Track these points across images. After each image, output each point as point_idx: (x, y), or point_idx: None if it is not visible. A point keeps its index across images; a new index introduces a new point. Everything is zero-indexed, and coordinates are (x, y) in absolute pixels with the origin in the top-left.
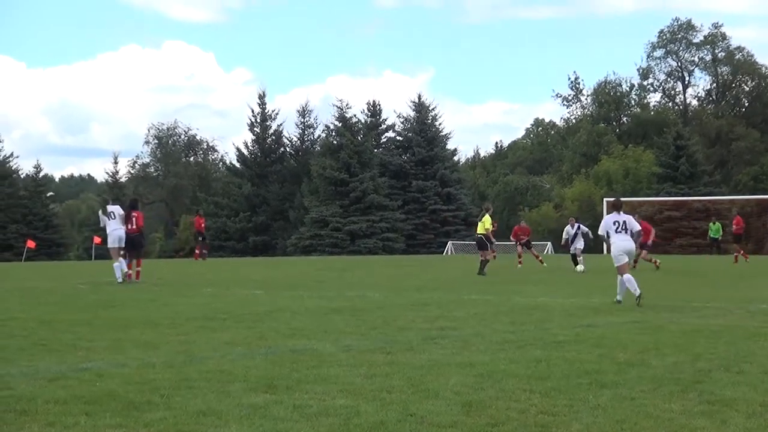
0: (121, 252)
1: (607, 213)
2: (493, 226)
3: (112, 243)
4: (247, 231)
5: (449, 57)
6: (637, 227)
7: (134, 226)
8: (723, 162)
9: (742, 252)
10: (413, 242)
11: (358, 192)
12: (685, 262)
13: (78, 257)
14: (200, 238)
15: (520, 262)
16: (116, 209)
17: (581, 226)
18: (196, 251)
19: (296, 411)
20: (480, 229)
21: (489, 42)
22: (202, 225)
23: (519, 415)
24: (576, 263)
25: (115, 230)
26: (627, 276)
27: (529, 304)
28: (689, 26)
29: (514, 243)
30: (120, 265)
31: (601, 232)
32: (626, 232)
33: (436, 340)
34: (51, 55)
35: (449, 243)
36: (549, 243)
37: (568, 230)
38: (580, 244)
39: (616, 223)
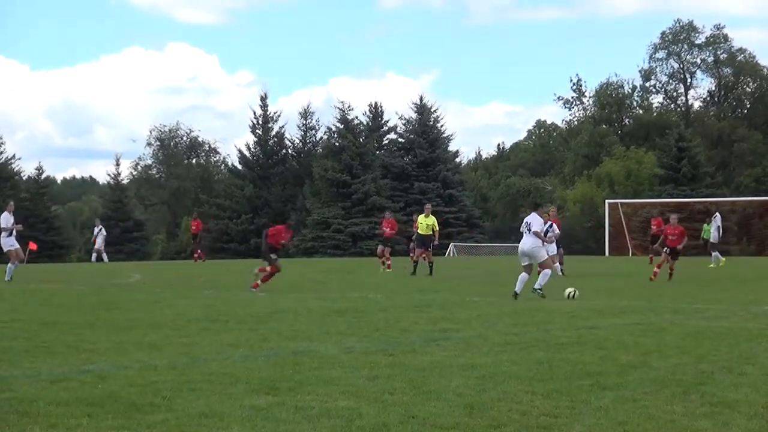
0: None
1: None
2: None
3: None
4: (248, 233)
5: (452, 59)
6: (537, 227)
7: None
8: (725, 164)
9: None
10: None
11: (360, 194)
12: (687, 263)
13: (80, 259)
14: (197, 241)
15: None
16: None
17: (554, 226)
18: (195, 254)
19: (298, 413)
20: (427, 229)
21: (491, 44)
22: (201, 228)
23: (521, 417)
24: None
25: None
26: (522, 274)
27: (531, 306)
28: (691, 28)
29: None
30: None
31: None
32: (529, 233)
33: (438, 342)
34: (54, 58)
35: (451, 245)
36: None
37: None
38: (552, 247)
39: (526, 224)
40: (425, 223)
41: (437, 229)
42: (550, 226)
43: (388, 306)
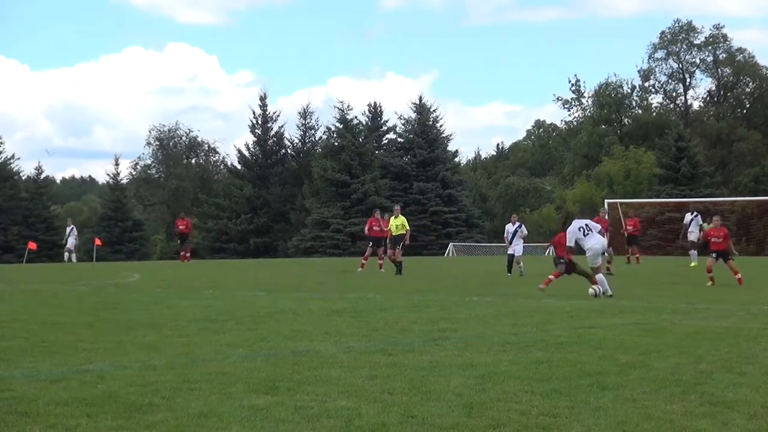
0: None
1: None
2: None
3: None
4: (248, 233)
5: (451, 59)
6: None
7: None
8: (724, 163)
9: (637, 255)
10: (414, 244)
11: (359, 194)
12: (686, 263)
13: (79, 259)
14: (185, 241)
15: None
16: None
17: (523, 226)
18: (182, 253)
19: (297, 412)
20: (398, 230)
21: (491, 44)
22: (190, 227)
23: (520, 417)
24: (510, 268)
25: None
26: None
27: (530, 306)
28: (690, 28)
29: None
30: None
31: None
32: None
33: (437, 342)
34: (54, 58)
35: (450, 245)
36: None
37: (509, 228)
38: (519, 247)
39: (585, 227)
40: (395, 223)
41: (408, 228)
42: (520, 226)
43: (387, 306)
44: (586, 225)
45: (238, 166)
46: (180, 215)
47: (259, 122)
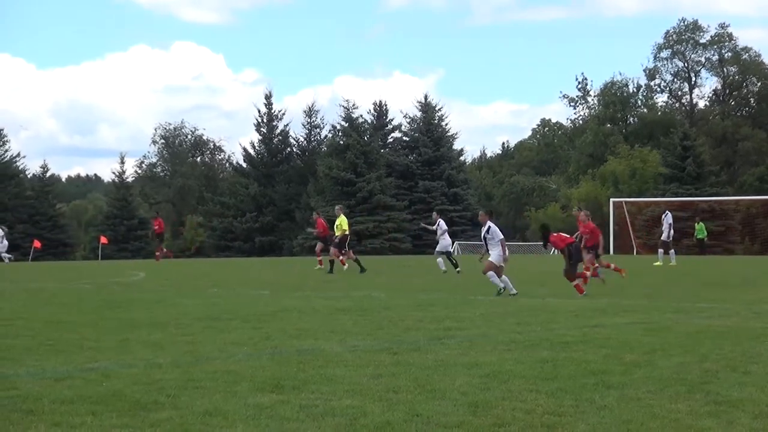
0: None
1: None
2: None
3: None
4: (253, 231)
5: (457, 58)
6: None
7: None
8: (729, 162)
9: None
10: (420, 242)
11: (364, 192)
12: (691, 263)
13: (84, 257)
14: (158, 240)
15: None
16: None
17: (441, 222)
18: (158, 253)
19: (303, 411)
20: (338, 230)
21: (496, 43)
22: (163, 227)
23: (525, 416)
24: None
25: None
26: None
27: (535, 305)
28: (696, 27)
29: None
30: None
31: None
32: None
33: (442, 341)
34: (60, 56)
35: (455, 243)
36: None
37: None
38: (445, 242)
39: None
40: (336, 223)
41: (344, 228)
42: (438, 224)
43: (392, 305)
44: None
45: (244, 165)
46: (153, 215)
47: (265, 121)
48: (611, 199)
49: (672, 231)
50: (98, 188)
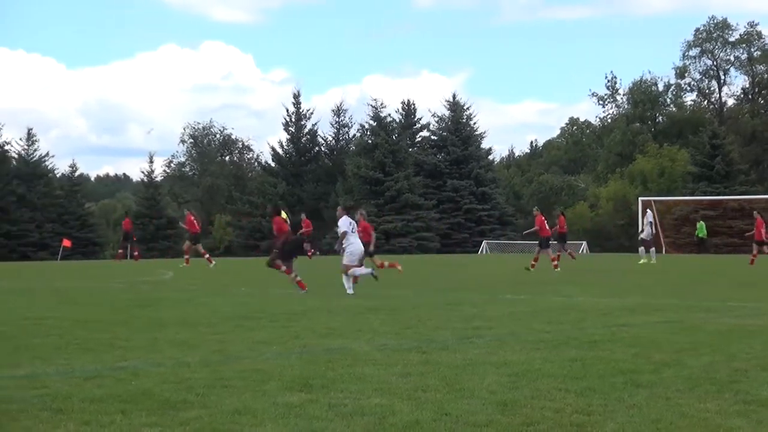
0: None
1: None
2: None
3: None
4: None
5: (485, 57)
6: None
7: None
8: (759, 161)
9: (569, 252)
10: (448, 241)
11: (392, 191)
12: (720, 261)
13: (113, 256)
14: (128, 239)
15: None
16: None
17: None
18: (120, 251)
19: (331, 410)
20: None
21: (525, 42)
22: (130, 226)
23: (554, 415)
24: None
25: None
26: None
27: (564, 304)
28: (725, 25)
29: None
30: None
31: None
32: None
33: (471, 340)
34: (90, 56)
35: (484, 242)
36: (584, 242)
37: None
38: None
39: (351, 224)
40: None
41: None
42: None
43: (420, 303)
44: (352, 223)
45: (272, 164)
46: (124, 215)
47: (293, 120)
48: (640, 198)
49: (652, 229)
50: (127, 188)
